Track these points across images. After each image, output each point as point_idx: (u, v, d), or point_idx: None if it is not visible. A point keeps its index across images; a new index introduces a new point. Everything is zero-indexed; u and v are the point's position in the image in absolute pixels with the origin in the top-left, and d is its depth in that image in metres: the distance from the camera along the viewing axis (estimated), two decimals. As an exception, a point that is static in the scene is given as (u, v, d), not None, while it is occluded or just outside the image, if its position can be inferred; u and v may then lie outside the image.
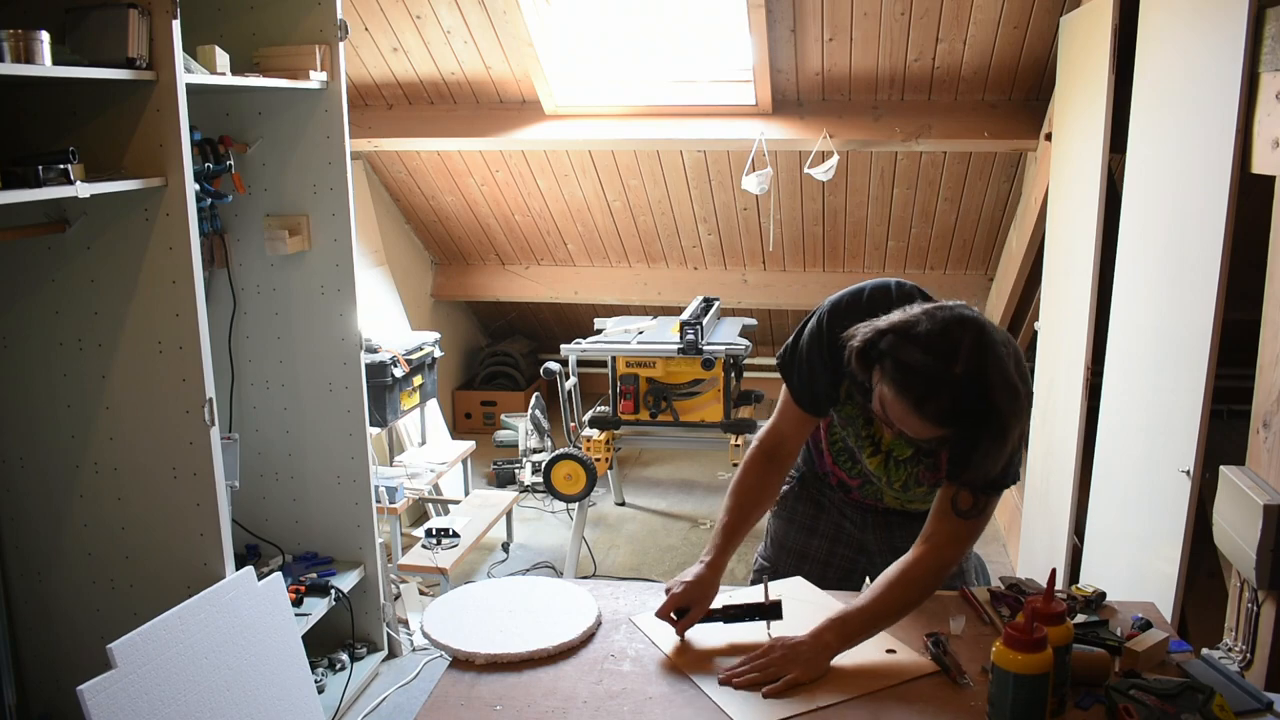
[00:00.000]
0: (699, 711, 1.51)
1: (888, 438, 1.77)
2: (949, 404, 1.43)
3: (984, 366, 1.42)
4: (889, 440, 1.78)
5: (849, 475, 1.93)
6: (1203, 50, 2.25)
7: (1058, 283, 3.44)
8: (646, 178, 4.94)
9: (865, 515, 2.01)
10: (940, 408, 1.43)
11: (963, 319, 1.45)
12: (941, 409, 1.43)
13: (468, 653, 1.64)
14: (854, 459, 1.89)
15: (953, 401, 1.42)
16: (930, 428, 1.46)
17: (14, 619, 2.61)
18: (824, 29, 3.98)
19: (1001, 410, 1.42)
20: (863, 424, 1.80)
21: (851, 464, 1.91)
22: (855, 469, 1.91)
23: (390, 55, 4.46)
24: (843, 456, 1.91)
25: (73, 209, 2.34)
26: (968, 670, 1.58)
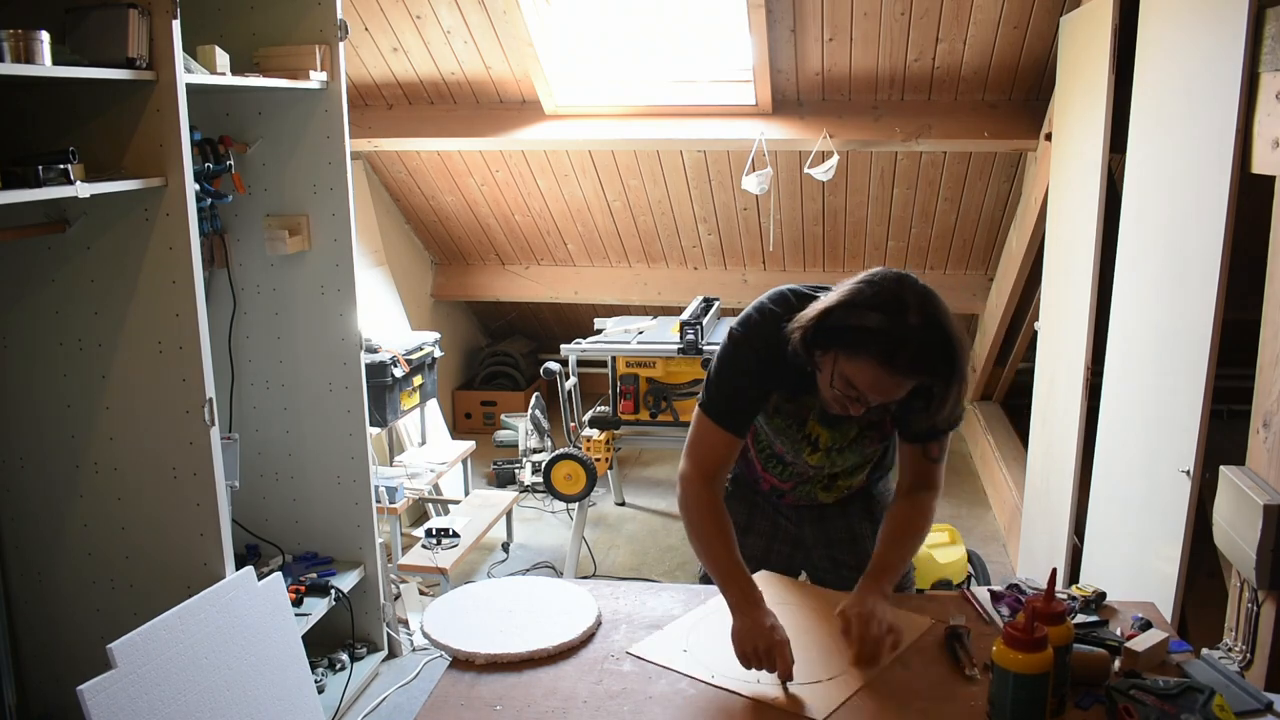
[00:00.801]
0: (699, 711, 1.51)
1: (824, 438, 1.81)
2: (916, 352, 1.49)
3: (935, 311, 1.51)
4: (825, 440, 1.82)
5: (780, 480, 1.96)
6: (1203, 50, 2.25)
7: (1058, 283, 3.44)
8: (646, 178, 4.94)
9: (800, 510, 2.04)
10: (909, 358, 1.49)
11: (899, 277, 1.54)
12: (910, 359, 1.49)
13: (468, 653, 1.64)
14: (784, 464, 1.92)
15: (919, 349, 1.49)
16: (903, 382, 1.52)
17: (14, 619, 2.61)
18: (824, 29, 3.98)
19: (962, 347, 1.52)
20: (796, 429, 1.83)
21: (782, 469, 1.94)
22: (787, 472, 1.94)
23: (390, 55, 4.46)
24: (772, 463, 1.94)
25: (73, 209, 2.34)
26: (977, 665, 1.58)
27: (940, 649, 1.66)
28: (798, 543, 2.05)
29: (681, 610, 1.82)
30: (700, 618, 1.79)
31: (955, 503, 4.69)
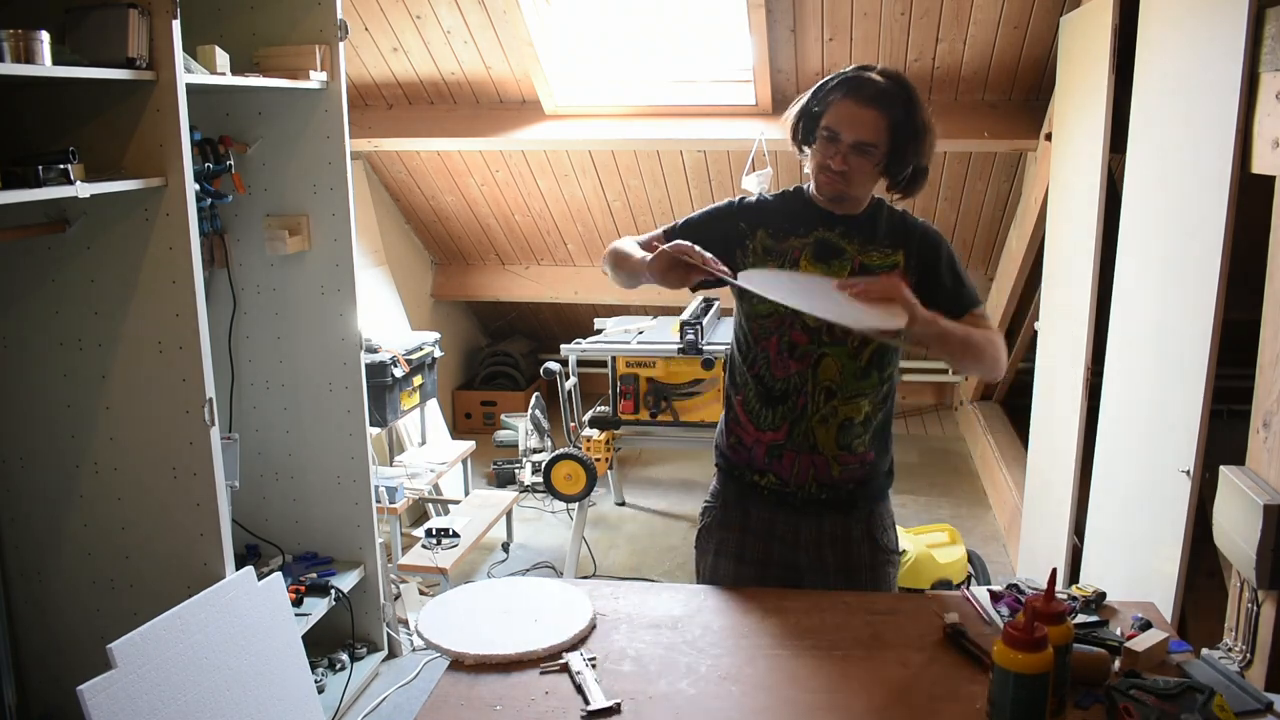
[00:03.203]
0: (700, 711, 1.51)
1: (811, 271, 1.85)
2: (878, 86, 1.77)
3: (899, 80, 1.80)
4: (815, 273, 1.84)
5: (774, 430, 1.87)
6: (1203, 50, 2.26)
7: (1058, 282, 3.44)
8: (646, 178, 4.94)
9: (797, 525, 1.92)
10: (872, 90, 1.76)
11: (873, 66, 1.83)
12: (874, 91, 1.76)
13: (457, 653, 1.64)
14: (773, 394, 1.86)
15: (881, 84, 1.77)
16: (871, 113, 1.75)
17: (14, 619, 2.61)
18: (824, 29, 3.98)
19: (917, 99, 1.79)
20: (788, 268, 1.87)
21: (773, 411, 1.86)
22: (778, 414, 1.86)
23: (390, 55, 4.46)
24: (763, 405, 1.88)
25: (73, 209, 2.34)
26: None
27: (940, 648, 1.66)
28: (792, 567, 1.94)
29: (681, 610, 1.82)
30: None
31: (955, 503, 4.70)
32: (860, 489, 1.91)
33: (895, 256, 1.85)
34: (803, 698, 1.53)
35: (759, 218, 1.90)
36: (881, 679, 1.57)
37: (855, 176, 1.79)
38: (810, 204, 1.89)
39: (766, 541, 1.94)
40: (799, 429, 1.87)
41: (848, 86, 1.77)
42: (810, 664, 1.62)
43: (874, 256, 1.85)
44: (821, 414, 1.86)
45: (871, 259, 1.84)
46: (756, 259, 1.87)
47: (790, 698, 1.53)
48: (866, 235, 1.86)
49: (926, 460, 5.30)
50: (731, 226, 1.90)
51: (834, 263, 1.84)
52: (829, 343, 1.83)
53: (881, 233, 1.86)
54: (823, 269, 1.84)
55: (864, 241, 1.85)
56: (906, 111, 1.76)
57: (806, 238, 1.86)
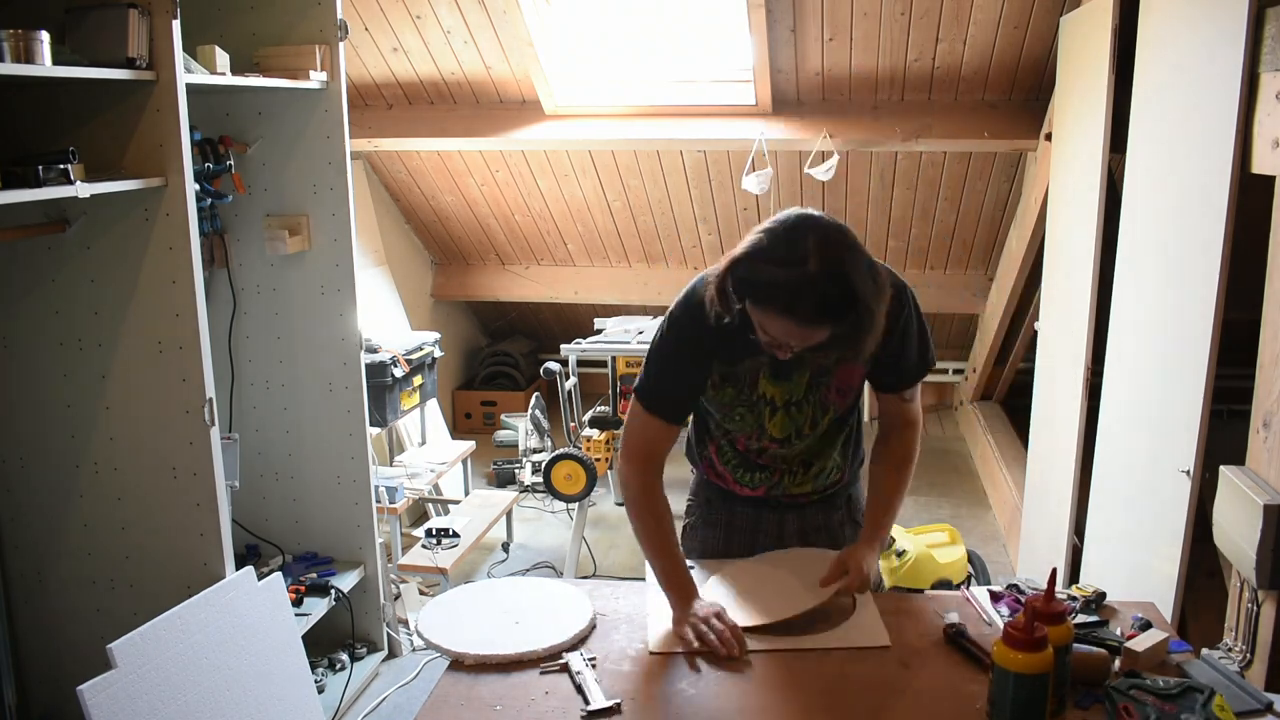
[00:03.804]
0: (699, 711, 1.51)
1: (778, 394, 1.78)
2: (817, 303, 1.50)
3: (837, 259, 1.50)
4: (780, 395, 1.77)
5: (753, 487, 1.91)
6: (1203, 50, 2.26)
7: (1058, 283, 3.44)
8: (646, 178, 4.94)
9: (781, 523, 1.94)
10: (812, 309, 1.51)
11: (799, 221, 1.54)
12: (813, 310, 1.51)
13: (457, 653, 1.64)
14: (751, 464, 1.88)
15: (820, 299, 1.50)
16: (810, 330, 1.54)
17: (14, 618, 2.61)
18: (824, 29, 3.98)
19: (862, 292, 1.50)
20: (748, 393, 1.78)
21: (753, 473, 1.88)
22: (758, 477, 1.89)
23: (390, 55, 4.46)
24: (741, 469, 1.89)
25: (73, 209, 2.34)
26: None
27: (940, 649, 1.66)
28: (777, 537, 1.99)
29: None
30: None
31: (955, 503, 4.70)
32: (836, 486, 1.96)
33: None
34: (802, 698, 1.53)
35: (710, 344, 1.73)
36: (881, 679, 1.57)
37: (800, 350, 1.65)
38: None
39: (752, 537, 1.97)
40: (778, 489, 1.91)
41: (781, 300, 1.51)
42: (810, 664, 1.62)
43: (831, 354, 1.73)
44: (799, 479, 1.90)
45: (829, 357, 1.74)
46: (716, 389, 1.79)
47: (790, 697, 1.53)
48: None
49: (926, 460, 5.30)
50: (698, 360, 1.77)
51: (793, 376, 1.76)
52: (798, 439, 1.83)
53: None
54: (784, 386, 1.76)
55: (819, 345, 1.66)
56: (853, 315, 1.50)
57: (760, 355, 1.71)
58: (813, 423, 1.82)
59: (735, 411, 1.82)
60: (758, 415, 1.81)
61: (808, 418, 1.81)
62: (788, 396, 1.79)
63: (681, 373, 1.79)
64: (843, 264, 1.50)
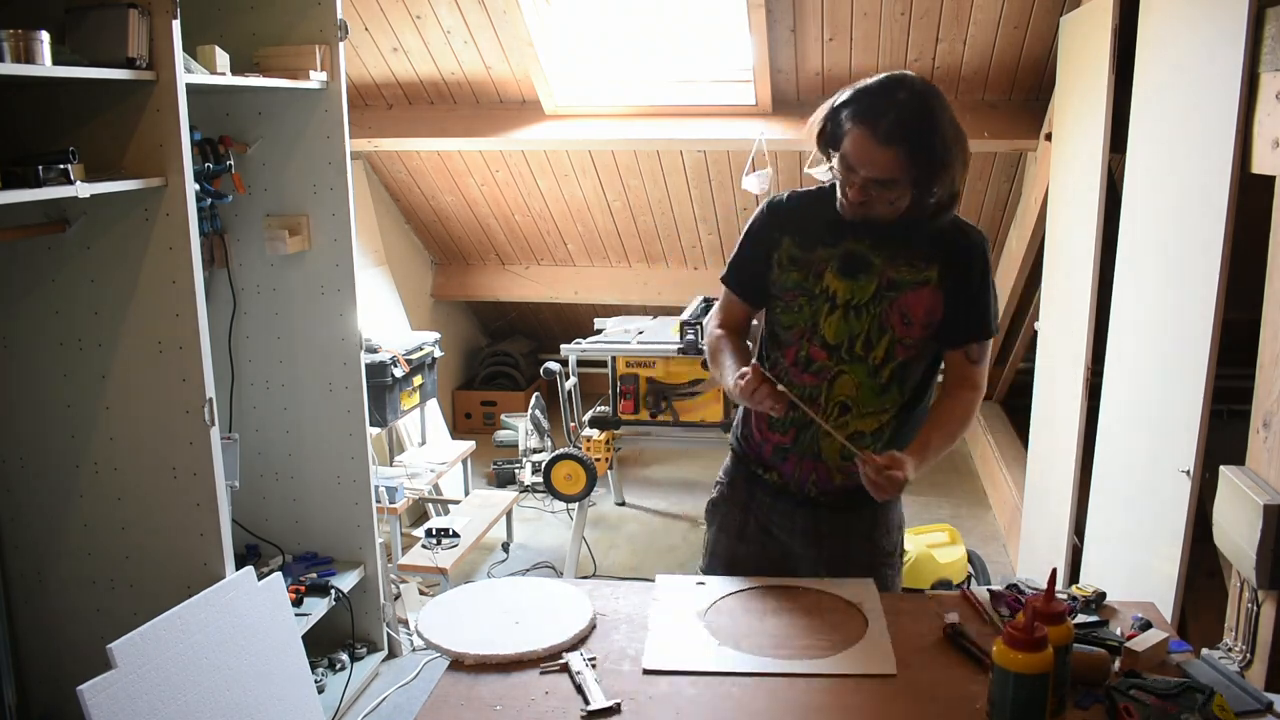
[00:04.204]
0: (700, 710, 1.51)
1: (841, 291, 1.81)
2: (897, 120, 1.64)
3: (927, 95, 1.69)
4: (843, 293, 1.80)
5: (782, 433, 1.89)
6: (1203, 50, 2.26)
7: (1058, 283, 3.44)
8: (646, 178, 4.94)
9: (793, 515, 1.94)
10: (889, 124, 1.64)
11: (897, 73, 1.72)
12: (890, 125, 1.64)
13: (457, 653, 1.64)
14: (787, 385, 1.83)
15: (900, 118, 1.64)
16: (885, 149, 1.64)
17: (14, 618, 2.61)
18: (824, 29, 3.98)
19: (941, 128, 1.67)
20: (813, 282, 1.83)
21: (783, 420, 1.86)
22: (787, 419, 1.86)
23: (390, 55, 4.46)
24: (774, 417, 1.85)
25: (73, 209, 2.34)
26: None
27: (940, 649, 1.66)
28: (787, 553, 1.97)
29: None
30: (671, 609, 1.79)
31: (955, 503, 4.70)
32: (862, 493, 1.83)
33: (928, 271, 1.79)
34: (802, 698, 1.53)
35: (788, 223, 1.86)
36: (882, 679, 1.57)
37: (876, 206, 1.73)
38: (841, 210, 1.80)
39: (765, 526, 1.98)
40: (805, 436, 1.88)
41: (865, 116, 1.65)
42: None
43: (903, 271, 1.78)
44: (833, 421, 1.85)
45: (901, 273, 1.78)
46: (782, 270, 1.84)
47: (790, 698, 1.53)
48: (898, 245, 1.79)
49: (926, 460, 5.29)
50: (767, 239, 1.88)
51: (860, 277, 1.79)
52: (848, 360, 1.82)
53: (916, 243, 1.79)
54: (849, 283, 1.79)
55: (894, 253, 1.79)
56: (928, 147, 1.65)
57: (835, 248, 1.80)
58: (866, 341, 1.80)
59: (796, 301, 1.84)
60: (815, 310, 1.83)
61: (864, 329, 1.80)
62: (849, 296, 1.80)
63: (757, 246, 1.89)
64: (929, 101, 1.67)
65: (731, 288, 1.96)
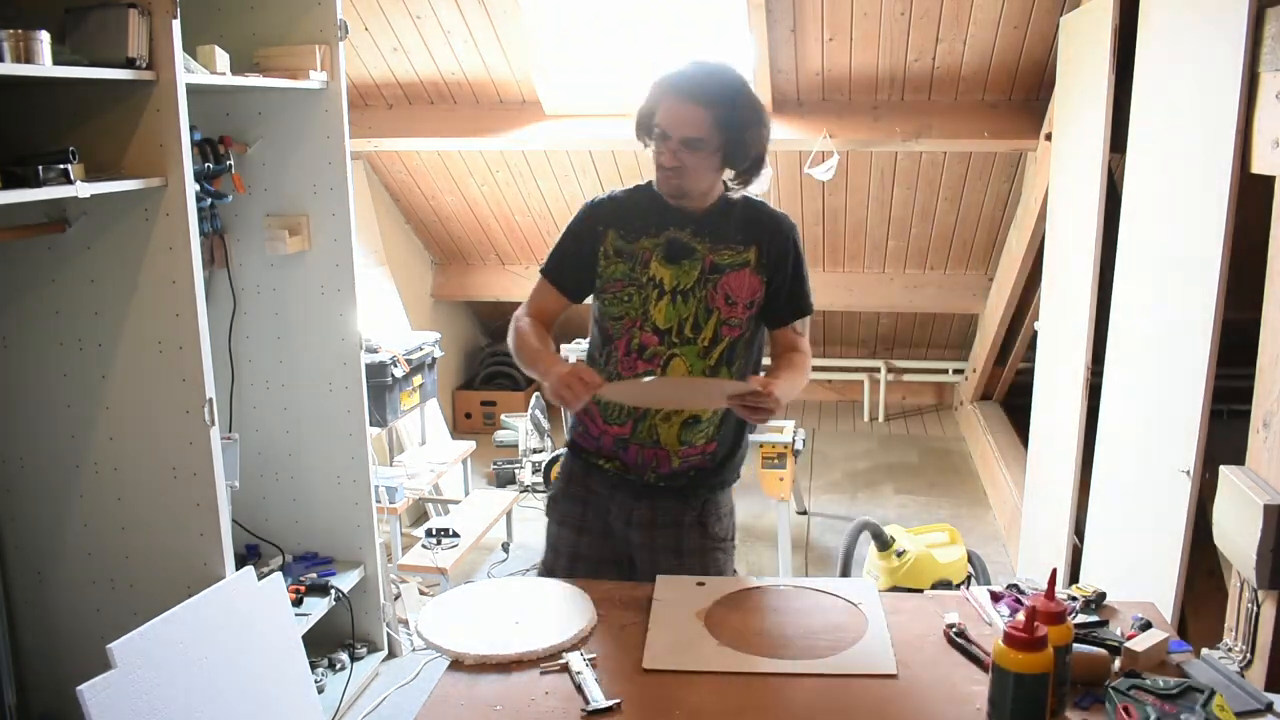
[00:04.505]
0: (699, 710, 1.51)
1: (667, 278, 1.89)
2: (698, 77, 1.80)
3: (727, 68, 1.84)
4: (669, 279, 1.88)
5: (620, 425, 1.95)
6: (1203, 50, 2.26)
7: (1058, 283, 3.44)
8: (647, 178, 4.93)
9: (630, 507, 2.00)
10: (691, 82, 1.80)
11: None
12: (693, 82, 1.80)
13: (457, 653, 1.64)
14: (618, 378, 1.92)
15: (701, 75, 1.81)
16: (694, 108, 1.78)
17: (14, 619, 2.61)
18: (824, 29, 3.98)
19: (746, 93, 1.82)
20: (639, 271, 1.90)
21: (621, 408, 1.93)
22: (625, 410, 1.93)
23: (390, 55, 4.46)
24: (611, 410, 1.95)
25: (73, 209, 2.34)
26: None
27: (940, 649, 1.66)
28: (627, 542, 2.03)
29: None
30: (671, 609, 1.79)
31: (955, 503, 4.70)
32: (698, 477, 1.99)
33: (746, 254, 1.90)
34: (803, 698, 1.53)
35: (611, 217, 1.94)
36: (882, 679, 1.57)
37: (690, 172, 1.84)
38: (661, 201, 1.91)
39: (605, 518, 2.03)
40: (643, 425, 1.95)
41: (673, 82, 1.82)
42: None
43: (725, 254, 1.90)
44: (665, 412, 1.93)
45: (722, 256, 1.89)
46: (609, 262, 1.93)
47: (790, 698, 1.53)
48: (717, 232, 1.90)
49: (926, 460, 5.30)
50: (590, 233, 1.95)
51: (684, 263, 1.89)
52: (679, 344, 1.90)
53: (733, 229, 1.91)
54: (674, 269, 1.89)
55: (715, 239, 1.90)
56: (732, 103, 1.80)
57: (658, 237, 1.90)
58: (695, 323, 1.89)
59: (625, 292, 1.91)
60: (644, 297, 1.90)
61: (691, 312, 1.89)
62: (676, 282, 1.88)
63: (581, 241, 1.95)
64: (729, 72, 1.82)
65: (551, 279, 2.01)
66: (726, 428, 1.99)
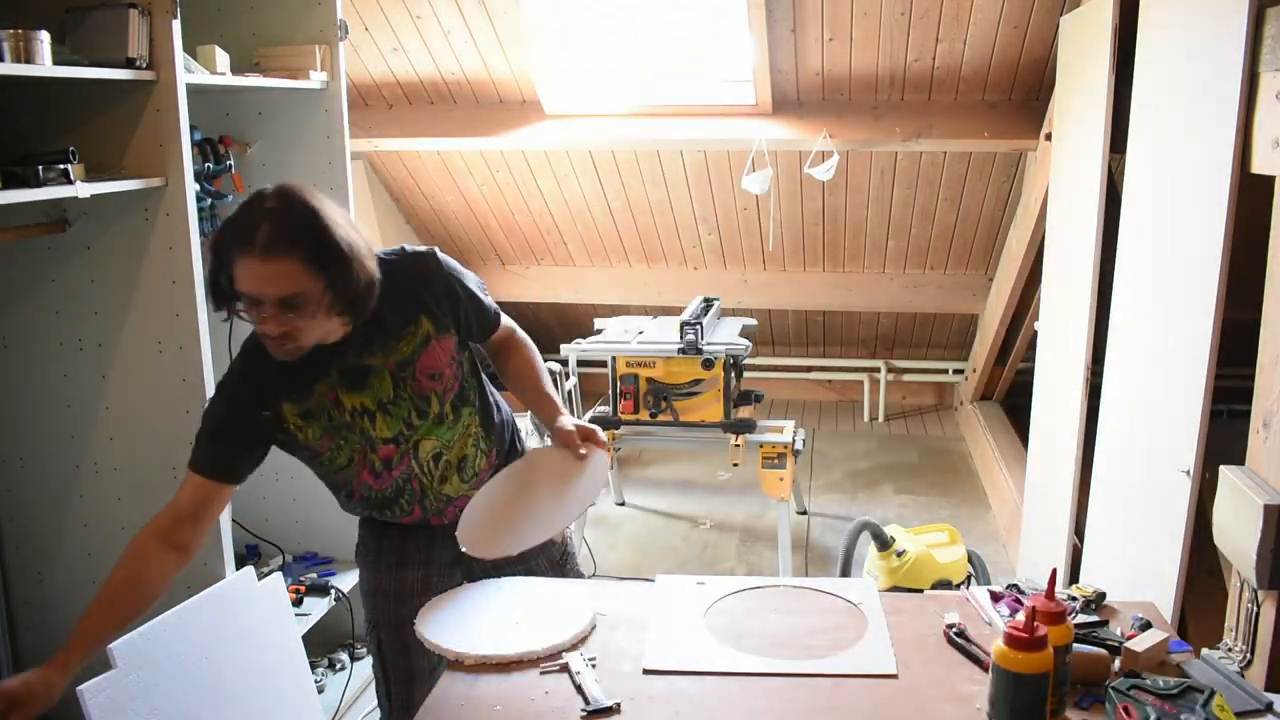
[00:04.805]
0: (699, 711, 1.51)
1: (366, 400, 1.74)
2: (274, 228, 1.50)
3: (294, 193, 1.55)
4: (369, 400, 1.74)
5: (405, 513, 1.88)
6: (1203, 50, 2.25)
7: (1058, 283, 3.44)
8: (646, 178, 4.94)
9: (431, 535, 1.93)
10: (268, 235, 1.49)
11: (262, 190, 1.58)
12: (270, 236, 1.49)
13: (457, 653, 1.64)
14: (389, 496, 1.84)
15: (276, 224, 1.50)
16: (276, 261, 1.51)
17: (14, 619, 2.61)
18: (824, 29, 3.98)
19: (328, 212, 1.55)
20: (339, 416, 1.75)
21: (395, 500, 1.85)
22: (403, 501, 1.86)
23: (390, 55, 4.46)
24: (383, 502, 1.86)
25: (73, 209, 2.34)
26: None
27: (940, 649, 1.66)
28: (457, 562, 1.94)
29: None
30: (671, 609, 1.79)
31: (955, 502, 4.70)
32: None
33: (421, 329, 1.75)
34: (803, 697, 1.53)
35: (275, 388, 1.72)
36: (882, 679, 1.57)
37: (302, 333, 1.60)
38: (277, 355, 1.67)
39: (427, 549, 1.93)
40: (428, 500, 1.89)
41: (239, 240, 1.52)
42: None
43: (403, 348, 1.75)
44: (440, 475, 1.87)
45: (402, 351, 1.75)
46: (302, 430, 1.75)
47: (790, 698, 1.53)
48: (382, 335, 1.73)
49: (926, 460, 5.30)
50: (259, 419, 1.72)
51: (371, 382, 1.74)
52: (413, 433, 1.81)
53: (389, 319, 1.72)
54: (365, 393, 1.75)
55: (383, 342, 1.72)
56: (317, 240, 1.53)
57: (328, 376, 1.72)
58: (419, 411, 1.80)
59: (335, 442, 1.75)
60: (358, 430, 1.75)
61: (410, 408, 1.78)
62: (378, 398, 1.75)
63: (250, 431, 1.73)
64: (295, 197, 1.54)
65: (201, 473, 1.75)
66: (491, 431, 1.92)
